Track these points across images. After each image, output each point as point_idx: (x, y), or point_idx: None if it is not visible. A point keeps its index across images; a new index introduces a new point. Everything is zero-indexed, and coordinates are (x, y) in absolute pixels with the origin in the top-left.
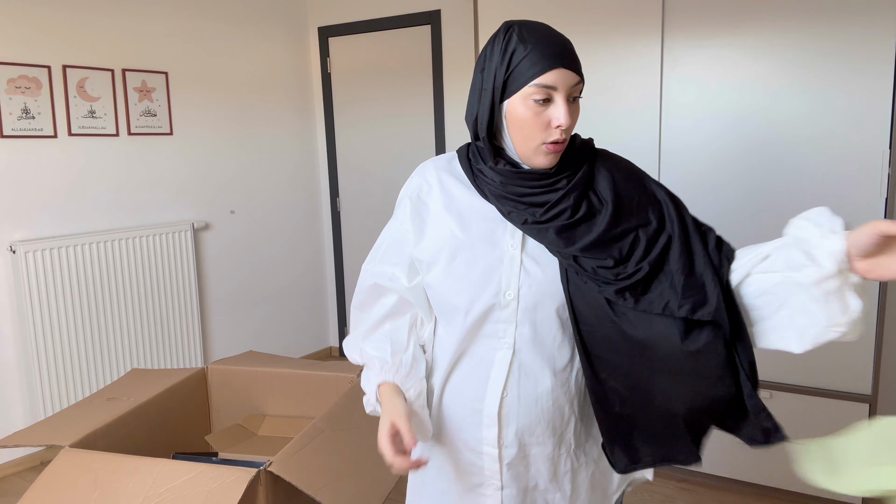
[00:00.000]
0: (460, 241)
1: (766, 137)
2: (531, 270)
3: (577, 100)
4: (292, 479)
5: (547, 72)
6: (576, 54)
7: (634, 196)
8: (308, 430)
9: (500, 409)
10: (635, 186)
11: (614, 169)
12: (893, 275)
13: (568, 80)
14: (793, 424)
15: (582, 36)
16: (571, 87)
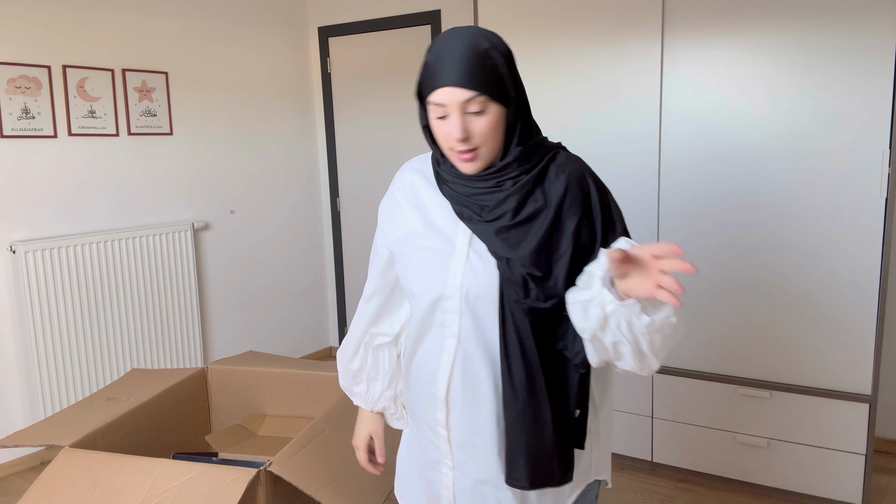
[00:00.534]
0: (420, 235)
1: (766, 137)
2: (475, 265)
3: (478, 112)
4: (292, 479)
5: (435, 90)
6: (472, 67)
7: (577, 211)
8: (308, 430)
9: (448, 394)
10: (583, 201)
11: (572, 179)
12: (642, 294)
13: (457, 96)
14: (793, 424)
15: (582, 36)
16: (463, 103)
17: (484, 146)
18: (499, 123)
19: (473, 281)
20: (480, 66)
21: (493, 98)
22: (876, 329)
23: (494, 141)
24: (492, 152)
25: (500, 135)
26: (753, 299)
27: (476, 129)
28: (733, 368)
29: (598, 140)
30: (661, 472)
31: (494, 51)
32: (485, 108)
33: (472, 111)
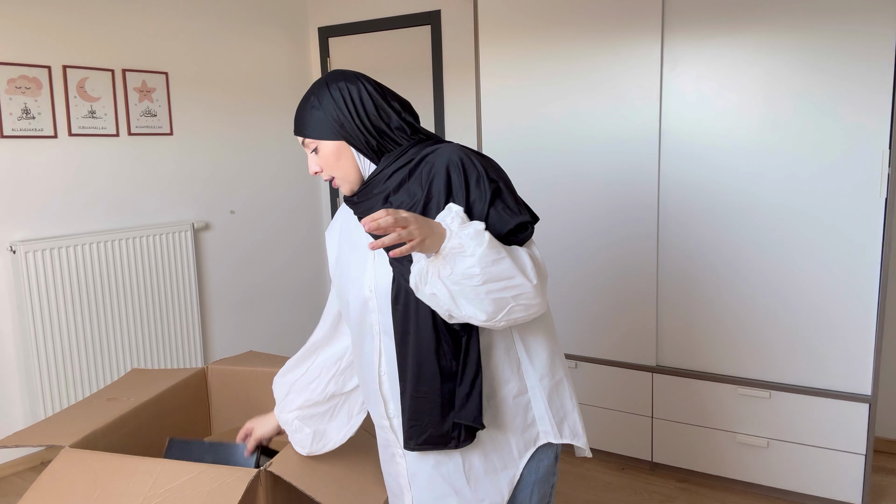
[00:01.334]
0: (343, 251)
1: (765, 137)
2: (378, 266)
3: (315, 150)
4: (292, 480)
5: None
6: (299, 117)
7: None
8: None
9: (380, 386)
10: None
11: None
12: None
13: (299, 141)
14: (793, 424)
15: (582, 36)
16: (304, 144)
17: (334, 174)
18: (335, 154)
19: (379, 281)
20: (304, 114)
21: (323, 136)
22: (875, 329)
23: (340, 169)
24: (347, 177)
25: (345, 162)
26: (753, 299)
27: (322, 164)
28: (733, 368)
29: (597, 140)
30: (661, 472)
31: (325, 96)
32: (317, 146)
33: (311, 150)
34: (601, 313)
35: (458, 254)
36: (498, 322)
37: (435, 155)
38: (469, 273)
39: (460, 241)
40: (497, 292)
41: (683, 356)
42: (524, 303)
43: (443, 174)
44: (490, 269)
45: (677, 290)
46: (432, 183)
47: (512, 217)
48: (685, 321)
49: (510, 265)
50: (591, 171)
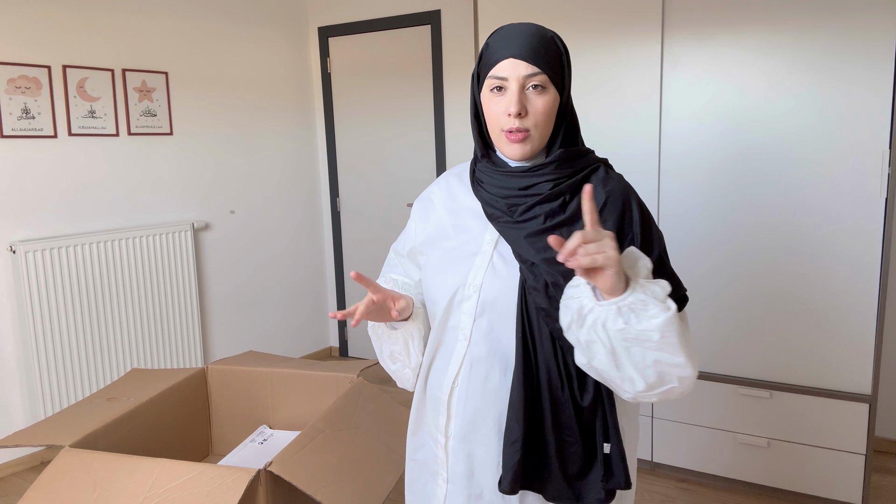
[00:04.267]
0: (447, 236)
1: (765, 137)
2: (498, 268)
3: (539, 88)
4: (292, 479)
5: (498, 63)
6: (539, 46)
7: (611, 227)
8: (308, 430)
9: (450, 398)
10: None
11: (612, 195)
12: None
13: (519, 70)
14: (793, 424)
15: (582, 36)
16: (525, 78)
17: (535, 129)
18: (553, 108)
19: (494, 283)
20: (546, 47)
21: (553, 81)
22: (876, 329)
23: (546, 126)
24: (541, 139)
25: (552, 123)
26: (753, 299)
27: (532, 108)
28: (733, 368)
29: (597, 140)
30: (661, 472)
31: (560, 42)
32: (546, 87)
33: (533, 87)
34: None
35: (640, 311)
36: (650, 396)
37: (612, 180)
38: (645, 336)
39: (644, 298)
40: (665, 366)
41: None
42: (683, 387)
43: (618, 207)
44: (670, 339)
45: None
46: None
47: (674, 284)
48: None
49: (686, 344)
50: None
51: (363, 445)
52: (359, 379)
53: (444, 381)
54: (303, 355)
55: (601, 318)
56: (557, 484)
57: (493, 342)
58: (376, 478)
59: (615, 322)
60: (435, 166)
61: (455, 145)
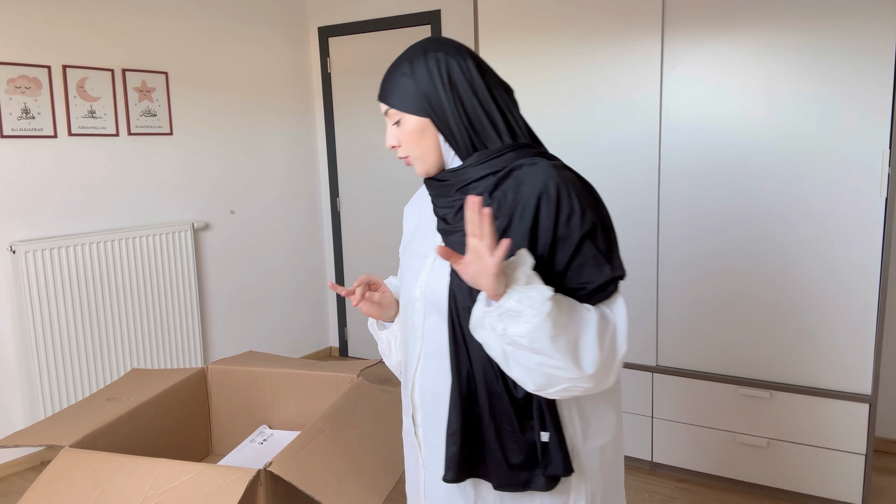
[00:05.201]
0: (413, 241)
1: (765, 137)
2: (437, 269)
3: (396, 122)
4: (292, 479)
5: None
6: (388, 83)
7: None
8: (308, 430)
9: (413, 392)
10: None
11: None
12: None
13: (382, 108)
14: (793, 424)
15: (582, 35)
16: (386, 114)
17: (411, 153)
18: (414, 134)
19: (433, 284)
20: (395, 81)
21: (407, 109)
22: (876, 329)
23: (421, 148)
24: (423, 159)
25: (425, 142)
26: (754, 299)
27: (401, 138)
28: (733, 368)
29: (597, 140)
30: (661, 472)
31: (419, 65)
32: (400, 119)
33: (394, 122)
34: None
35: (514, 317)
36: (550, 395)
37: (528, 173)
38: (517, 342)
39: (519, 305)
40: (549, 369)
41: (683, 356)
42: (580, 386)
43: (532, 202)
44: (541, 345)
45: (677, 290)
46: (516, 205)
47: (597, 270)
48: (685, 321)
49: (564, 349)
50: (591, 170)
51: (363, 445)
52: (359, 379)
53: (408, 377)
54: (303, 355)
55: (489, 321)
56: (502, 472)
57: (440, 340)
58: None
59: (495, 327)
60: None
61: None
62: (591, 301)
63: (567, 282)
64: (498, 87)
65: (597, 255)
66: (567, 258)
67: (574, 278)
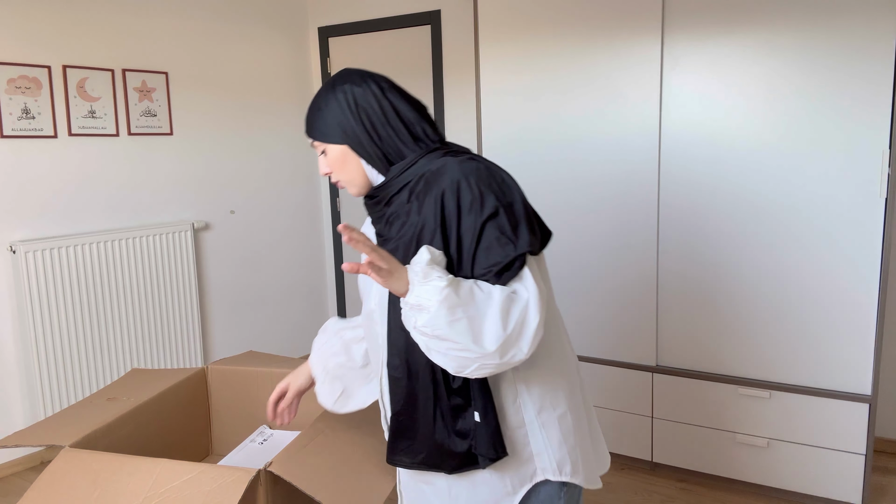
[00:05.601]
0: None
1: (765, 137)
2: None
3: (322, 152)
4: (292, 480)
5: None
6: (310, 118)
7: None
8: (308, 430)
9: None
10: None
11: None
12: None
13: (308, 141)
14: (793, 424)
15: (582, 35)
16: (313, 146)
17: (340, 178)
18: (340, 160)
19: (380, 293)
20: (312, 116)
21: (330, 139)
22: (876, 329)
23: (348, 172)
24: (353, 182)
25: (353, 166)
26: (753, 299)
27: (330, 166)
28: (733, 368)
29: (597, 140)
30: (661, 472)
31: (330, 98)
32: (324, 149)
33: (320, 152)
34: (601, 313)
35: (416, 312)
36: (469, 375)
37: (436, 174)
38: (425, 332)
39: (418, 299)
40: (456, 352)
41: (683, 356)
42: (490, 364)
43: (438, 199)
44: (442, 331)
45: (677, 290)
46: (424, 207)
47: (502, 251)
48: (685, 321)
49: (463, 330)
50: (592, 170)
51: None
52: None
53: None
54: (303, 355)
55: (405, 318)
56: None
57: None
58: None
59: (409, 321)
60: None
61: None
62: (502, 280)
63: (477, 266)
64: (403, 103)
65: (500, 236)
66: (474, 243)
67: (483, 262)
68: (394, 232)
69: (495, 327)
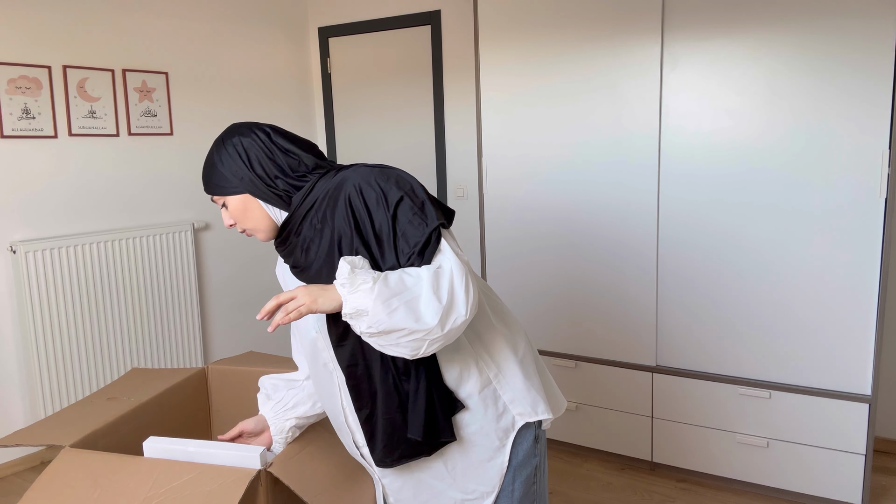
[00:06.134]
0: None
1: (765, 137)
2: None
3: (223, 206)
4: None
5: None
6: (206, 177)
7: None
8: (307, 432)
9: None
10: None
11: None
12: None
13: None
14: (793, 424)
15: (582, 35)
16: (213, 201)
17: (246, 226)
18: (242, 208)
19: (324, 318)
20: (208, 173)
21: (228, 191)
22: (876, 329)
23: (250, 220)
24: (259, 227)
25: (255, 212)
26: (754, 299)
27: (233, 217)
28: (733, 368)
29: (597, 141)
30: (661, 472)
31: (222, 153)
32: (224, 202)
33: (221, 205)
34: (601, 313)
35: (358, 316)
36: (427, 354)
37: (337, 188)
38: (369, 332)
39: (354, 306)
40: (406, 337)
41: (683, 356)
42: (438, 337)
43: (344, 208)
44: (385, 324)
45: (677, 290)
46: (335, 219)
47: (419, 229)
48: (685, 321)
49: (403, 316)
50: (591, 170)
51: None
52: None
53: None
54: None
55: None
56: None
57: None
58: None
59: (355, 327)
60: (435, 166)
61: (455, 145)
62: (425, 257)
63: (401, 253)
64: (288, 143)
65: (413, 218)
66: (391, 233)
67: (404, 246)
68: (312, 255)
69: (431, 302)
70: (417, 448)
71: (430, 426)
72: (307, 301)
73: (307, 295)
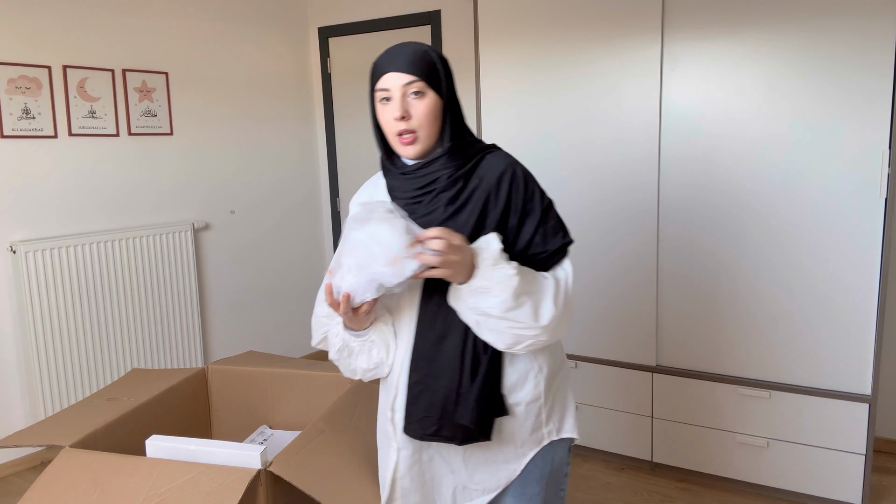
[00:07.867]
0: None
1: (765, 137)
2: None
3: (418, 94)
4: (292, 480)
5: (380, 78)
6: (413, 58)
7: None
8: (308, 431)
9: (399, 377)
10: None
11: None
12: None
13: (398, 80)
14: (793, 424)
15: (582, 35)
16: (404, 86)
17: (421, 129)
18: (435, 110)
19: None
20: (420, 59)
21: (430, 85)
22: (876, 329)
23: (431, 125)
24: (429, 137)
25: (437, 123)
26: (753, 299)
27: (415, 111)
28: (733, 368)
29: (597, 139)
30: (661, 472)
31: (433, 53)
32: (424, 92)
33: (413, 94)
34: (601, 313)
35: (484, 293)
36: (517, 351)
37: (492, 162)
38: (488, 312)
39: (487, 283)
40: (516, 330)
41: (683, 356)
42: (542, 340)
43: (505, 187)
44: (508, 313)
45: (677, 290)
46: (490, 192)
47: (556, 238)
48: (685, 321)
49: (528, 313)
50: (592, 170)
51: (363, 446)
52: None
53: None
54: (303, 355)
55: (462, 296)
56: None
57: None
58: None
59: (467, 301)
60: None
61: None
62: (549, 262)
63: (532, 248)
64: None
65: (556, 224)
66: (534, 228)
67: (539, 245)
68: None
69: (550, 306)
70: (452, 433)
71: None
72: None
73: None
